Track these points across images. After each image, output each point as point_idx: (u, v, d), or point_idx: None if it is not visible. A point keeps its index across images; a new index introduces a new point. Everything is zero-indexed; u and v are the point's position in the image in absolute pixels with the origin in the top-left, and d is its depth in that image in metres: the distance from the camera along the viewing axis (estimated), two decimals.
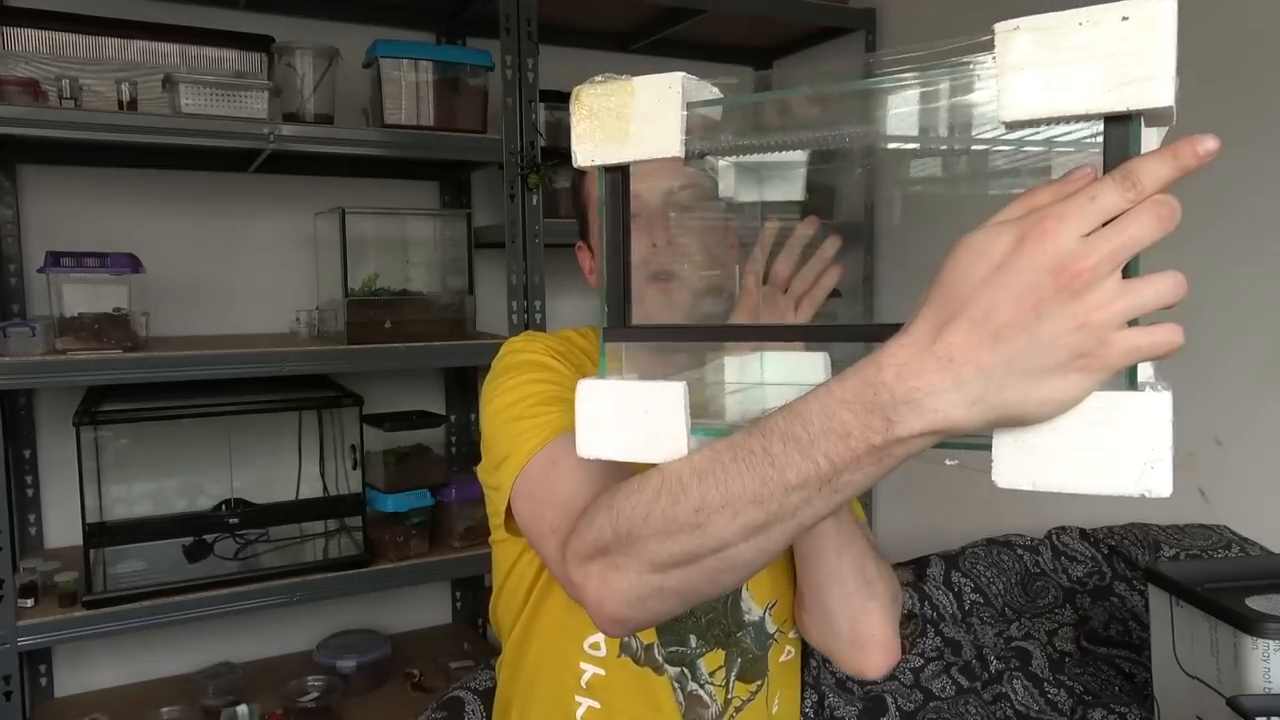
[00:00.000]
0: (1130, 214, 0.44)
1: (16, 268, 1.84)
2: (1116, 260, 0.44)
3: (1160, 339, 0.45)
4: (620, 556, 0.61)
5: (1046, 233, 0.44)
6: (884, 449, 0.49)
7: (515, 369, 0.91)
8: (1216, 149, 0.44)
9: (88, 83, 1.62)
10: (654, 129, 0.59)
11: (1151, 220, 0.44)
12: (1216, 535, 1.50)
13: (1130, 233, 0.44)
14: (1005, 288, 0.45)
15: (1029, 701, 1.43)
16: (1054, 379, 0.45)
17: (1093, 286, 0.44)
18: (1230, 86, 1.54)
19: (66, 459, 1.66)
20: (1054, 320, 0.44)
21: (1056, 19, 0.45)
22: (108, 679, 1.95)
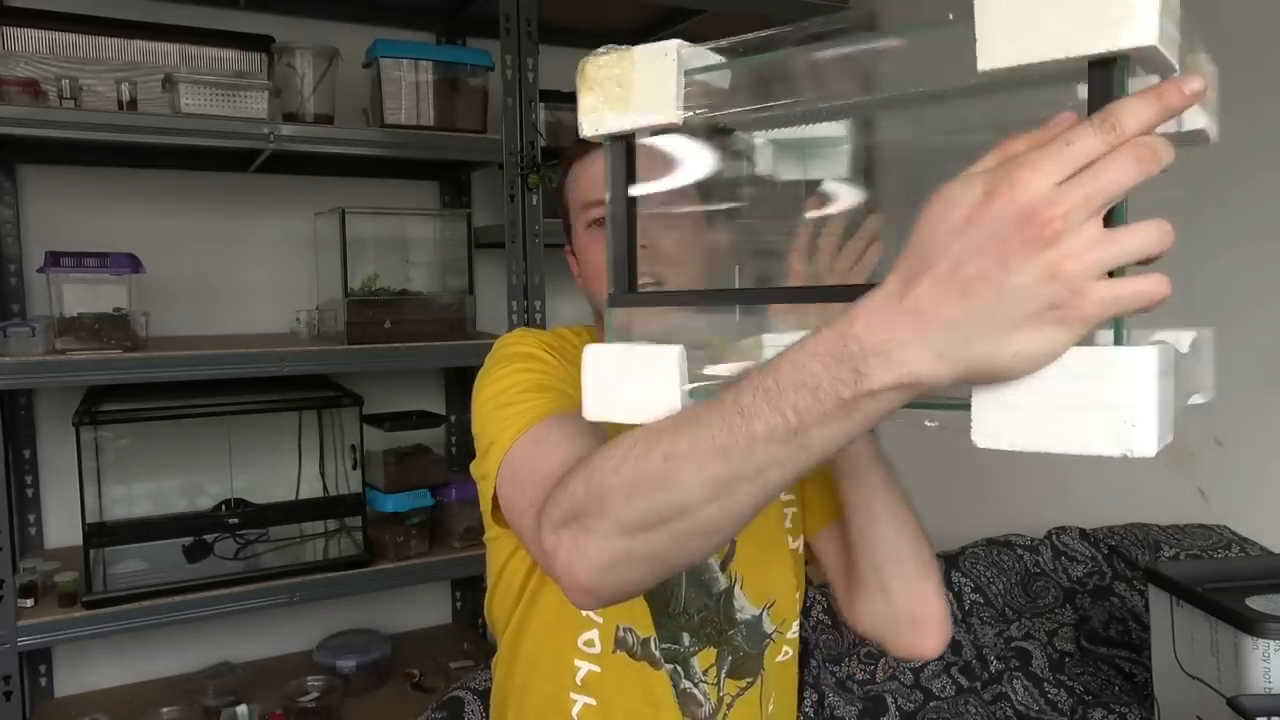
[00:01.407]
0: (1108, 157, 0.42)
1: (16, 268, 1.84)
2: (1092, 206, 0.42)
3: (1143, 289, 0.43)
4: (591, 518, 0.60)
5: (1017, 181, 0.43)
6: (853, 402, 0.48)
7: (505, 360, 0.91)
8: (1202, 89, 0.42)
9: (88, 83, 1.62)
10: (652, 96, 0.59)
11: (1130, 163, 0.42)
12: (1216, 535, 1.50)
13: (1107, 176, 0.42)
14: (973, 239, 0.44)
15: (1029, 701, 1.43)
16: (1025, 332, 0.43)
17: (1066, 235, 0.42)
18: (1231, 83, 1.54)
19: (66, 459, 1.66)
20: (1023, 271, 0.42)
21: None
22: (107, 679, 1.95)
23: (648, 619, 0.94)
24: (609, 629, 0.93)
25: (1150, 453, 0.42)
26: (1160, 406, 0.42)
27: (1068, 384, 0.44)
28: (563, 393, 0.85)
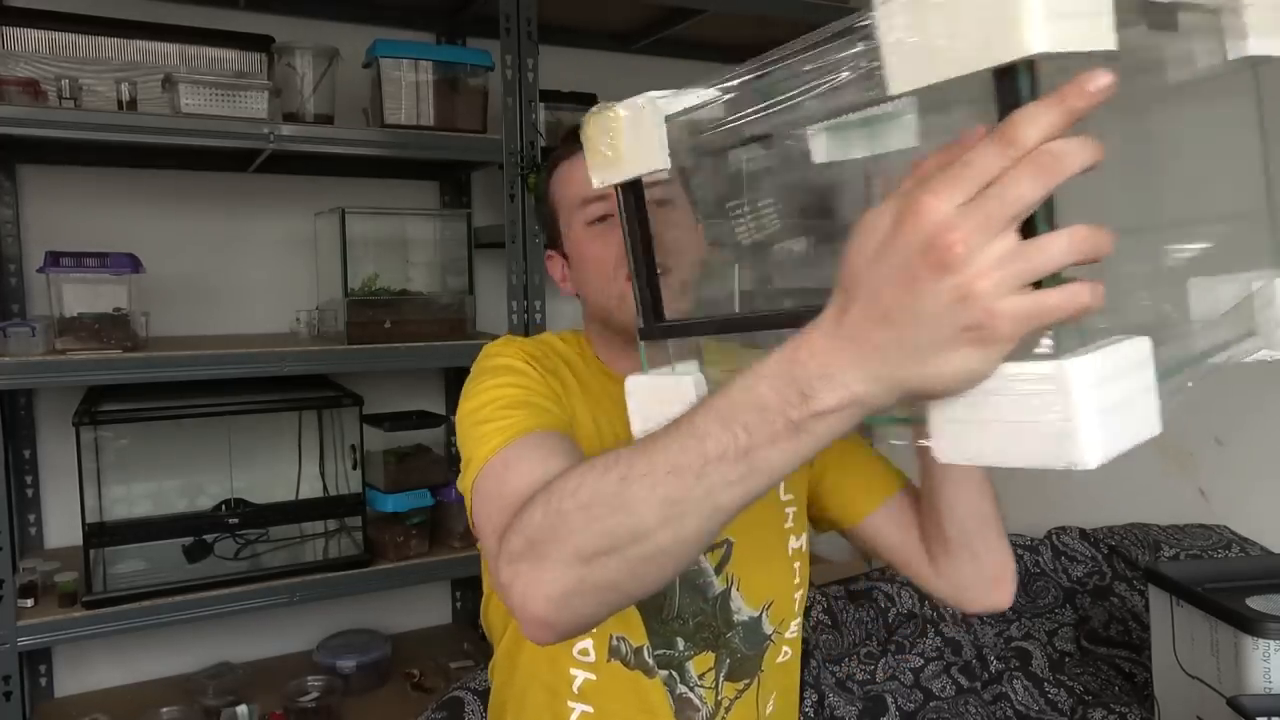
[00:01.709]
0: (1009, 173, 0.41)
1: (16, 268, 1.84)
2: (993, 226, 0.41)
3: (1056, 302, 0.42)
4: (548, 545, 0.61)
5: (920, 208, 0.42)
6: (800, 423, 0.49)
7: (486, 374, 0.91)
8: (1109, 84, 0.41)
9: (87, 83, 1.62)
10: (640, 151, 0.65)
11: (1030, 177, 0.41)
12: (1216, 535, 1.50)
13: (1006, 195, 0.41)
14: (886, 268, 0.44)
15: (1029, 701, 1.43)
16: (946, 355, 0.44)
17: (970, 257, 0.41)
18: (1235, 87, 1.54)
19: (66, 459, 1.66)
20: (932, 297, 0.43)
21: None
22: (108, 679, 1.95)
23: (640, 627, 0.93)
24: (603, 638, 0.93)
25: (1091, 464, 0.42)
26: (1101, 415, 0.42)
27: (1009, 399, 0.44)
28: (539, 407, 0.85)
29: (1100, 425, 0.42)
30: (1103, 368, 0.42)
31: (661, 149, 0.62)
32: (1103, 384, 0.42)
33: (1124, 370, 0.43)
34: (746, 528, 0.96)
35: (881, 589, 1.68)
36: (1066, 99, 0.41)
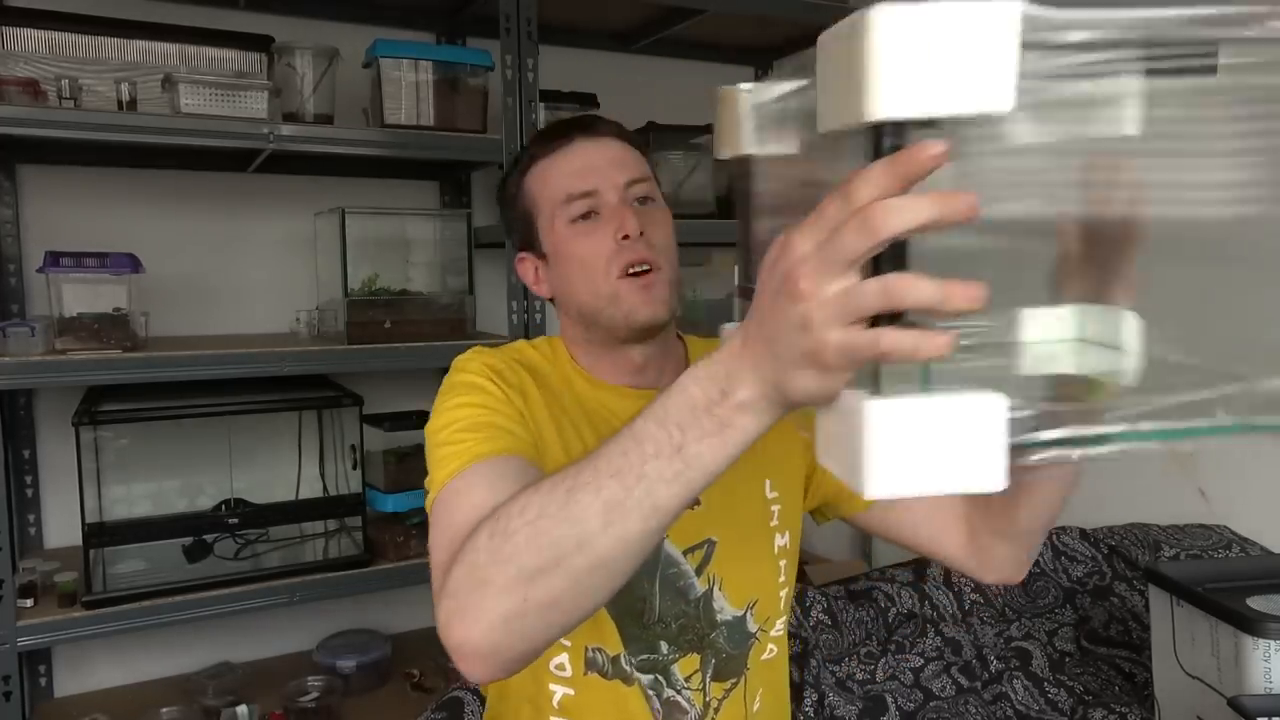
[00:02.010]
0: (845, 224, 0.46)
1: (16, 268, 1.84)
2: (831, 269, 0.46)
3: (869, 340, 0.46)
4: (490, 568, 0.61)
5: (788, 244, 0.49)
6: (724, 420, 0.54)
7: (449, 392, 0.90)
8: (942, 153, 0.44)
9: (87, 83, 1.62)
10: (731, 135, 0.65)
11: (855, 229, 0.45)
12: (1216, 535, 1.50)
13: (840, 242, 0.46)
14: (768, 289, 0.51)
15: (1029, 701, 1.43)
16: (799, 373, 0.50)
17: (811, 292, 0.47)
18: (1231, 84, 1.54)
19: (66, 459, 1.66)
20: (786, 321, 0.49)
21: (842, 28, 0.46)
22: (107, 679, 1.95)
23: (615, 635, 0.93)
24: (578, 651, 0.93)
25: (871, 494, 0.46)
26: (895, 455, 0.45)
27: (839, 419, 0.49)
28: (498, 428, 0.85)
29: (889, 464, 0.45)
30: (912, 412, 0.45)
31: (753, 136, 0.63)
32: (911, 427, 0.45)
33: (953, 421, 0.46)
34: (729, 526, 0.96)
35: (881, 589, 1.68)
36: (897, 163, 0.45)
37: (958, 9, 0.42)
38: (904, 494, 0.46)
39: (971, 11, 0.42)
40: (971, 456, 0.46)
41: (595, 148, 0.97)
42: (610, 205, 0.95)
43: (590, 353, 1.01)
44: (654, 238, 0.95)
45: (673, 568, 0.94)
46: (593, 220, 0.95)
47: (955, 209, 0.44)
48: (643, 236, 0.94)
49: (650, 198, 0.98)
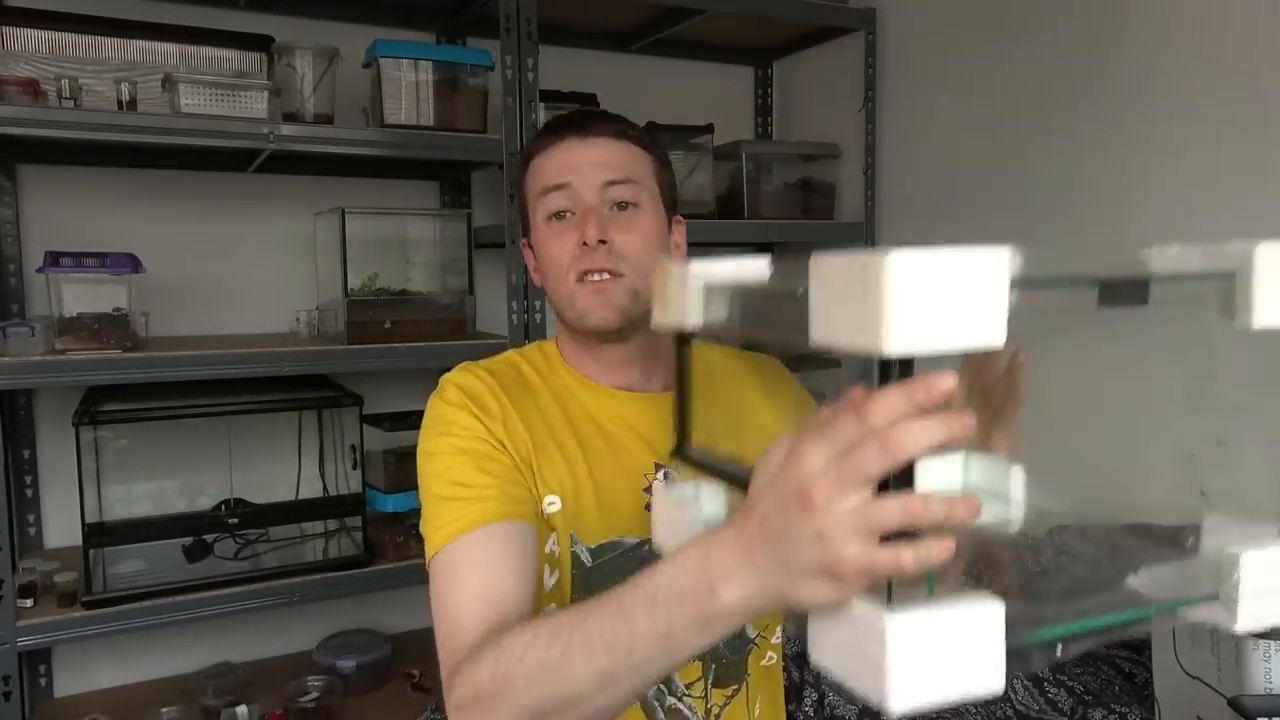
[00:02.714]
0: (860, 444, 0.48)
1: (16, 268, 1.84)
2: (846, 485, 0.48)
3: (908, 561, 0.48)
4: (493, 700, 0.67)
5: (800, 455, 0.50)
6: (709, 617, 0.56)
7: (434, 427, 0.94)
8: (950, 389, 0.47)
9: (87, 83, 1.62)
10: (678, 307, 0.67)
11: (874, 450, 0.47)
12: None
13: (854, 463, 0.48)
14: (773, 497, 0.52)
15: (1029, 701, 1.43)
16: (807, 581, 0.51)
17: (829, 505, 0.48)
18: (1231, 86, 1.54)
19: (66, 459, 1.66)
20: (799, 532, 0.50)
21: (849, 263, 0.48)
22: (107, 679, 1.95)
23: None
24: None
25: (895, 711, 0.47)
26: (917, 669, 0.46)
27: (852, 629, 0.50)
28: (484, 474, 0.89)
29: (911, 677, 0.47)
30: (928, 626, 0.47)
31: (695, 310, 0.65)
32: (928, 640, 0.47)
33: (961, 630, 0.47)
34: None
35: None
36: (914, 392, 0.47)
37: (960, 257, 0.46)
38: (922, 705, 0.47)
39: (972, 259, 0.46)
40: (978, 663, 0.48)
41: (582, 146, 0.97)
42: (583, 206, 0.95)
43: (577, 350, 1.02)
44: (621, 244, 0.94)
45: None
46: (566, 220, 0.96)
47: (961, 429, 0.48)
48: (605, 245, 0.94)
49: (631, 202, 0.96)
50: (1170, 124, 1.63)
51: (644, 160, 1.00)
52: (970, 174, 2.04)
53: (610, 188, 0.96)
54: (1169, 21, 1.62)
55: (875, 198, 2.30)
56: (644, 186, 0.98)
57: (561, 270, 0.96)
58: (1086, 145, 1.78)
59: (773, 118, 2.65)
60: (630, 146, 0.99)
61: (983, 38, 2.00)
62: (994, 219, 1.98)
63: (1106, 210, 1.75)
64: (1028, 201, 1.90)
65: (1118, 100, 1.72)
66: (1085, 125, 1.78)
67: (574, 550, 0.93)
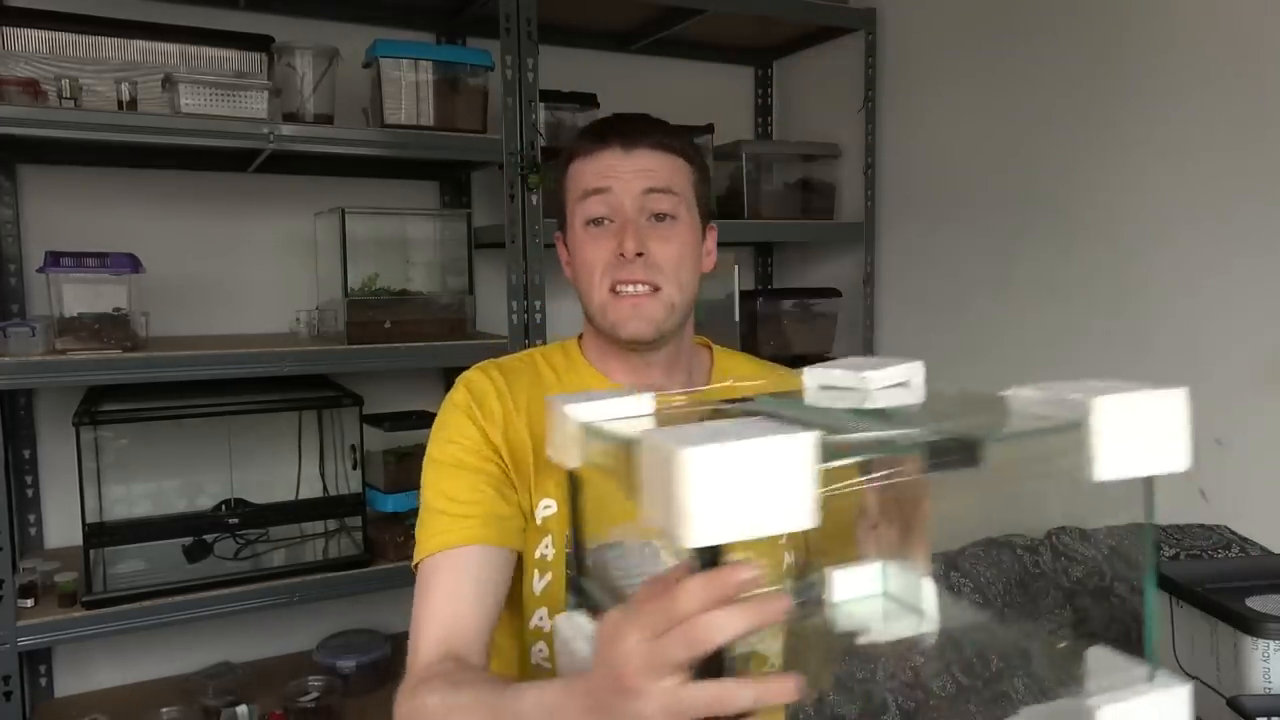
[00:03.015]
0: (667, 634, 0.50)
1: (16, 268, 1.84)
2: (657, 671, 0.51)
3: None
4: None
5: (617, 636, 0.53)
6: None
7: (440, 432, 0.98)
8: (754, 578, 0.49)
9: (87, 83, 1.62)
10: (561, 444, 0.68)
11: (681, 643, 0.50)
12: (1216, 535, 1.50)
13: (663, 649, 0.50)
14: (600, 670, 0.55)
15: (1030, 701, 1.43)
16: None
17: (642, 689, 0.51)
18: (1232, 86, 1.54)
19: (66, 459, 1.66)
20: (620, 711, 0.53)
21: (659, 448, 0.48)
22: (108, 679, 1.95)
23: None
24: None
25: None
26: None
27: None
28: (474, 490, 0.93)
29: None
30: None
31: (574, 452, 0.65)
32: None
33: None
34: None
35: None
36: (713, 585, 0.50)
37: (760, 445, 0.45)
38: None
39: (772, 446, 0.46)
40: None
41: (626, 156, 0.97)
42: (622, 215, 0.96)
43: (601, 350, 1.03)
44: (658, 256, 0.95)
45: None
46: (603, 227, 0.97)
47: (768, 615, 0.50)
48: (642, 256, 0.94)
49: (669, 214, 0.97)
50: (1170, 124, 1.63)
51: (684, 171, 1.00)
52: (970, 174, 2.04)
53: (649, 196, 0.96)
54: (1169, 22, 1.62)
55: (875, 198, 2.30)
56: (682, 199, 0.98)
57: (595, 276, 0.97)
58: (1086, 145, 1.78)
59: (773, 118, 2.65)
60: (672, 158, 0.99)
61: (983, 38, 2.00)
62: (993, 219, 1.98)
63: (1106, 210, 1.75)
64: (1027, 201, 1.90)
65: (1117, 100, 1.72)
66: (1085, 125, 1.78)
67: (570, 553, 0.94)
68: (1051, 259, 1.86)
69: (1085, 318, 1.80)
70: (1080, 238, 1.80)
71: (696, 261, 1.00)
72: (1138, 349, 1.70)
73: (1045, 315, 1.88)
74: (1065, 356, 1.84)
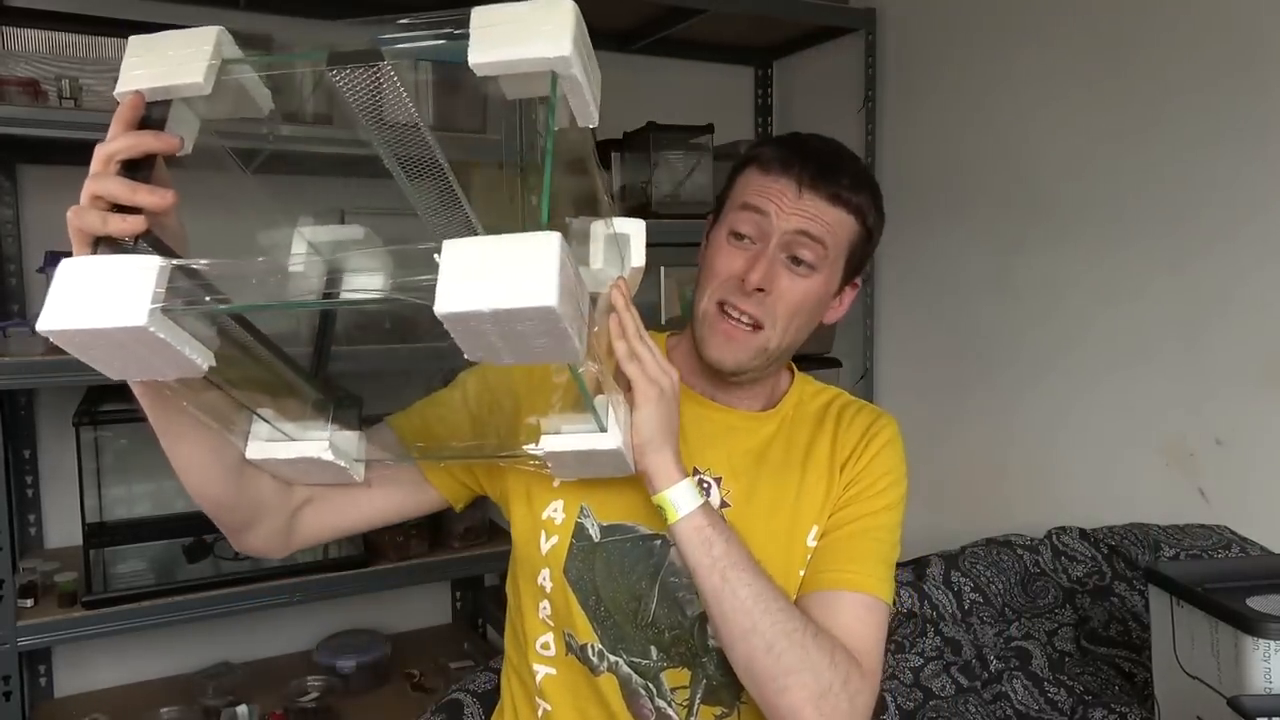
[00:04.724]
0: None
1: (16, 268, 1.84)
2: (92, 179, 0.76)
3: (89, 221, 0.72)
4: None
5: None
6: None
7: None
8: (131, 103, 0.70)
9: (88, 83, 1.62)
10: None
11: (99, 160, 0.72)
12: (1216, 535, 1.50)
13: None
14: None
15: (1029, 701, 1.43)
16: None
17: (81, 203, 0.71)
18: (1233, 85, 1.54)
19: (66, 459, 1.66)
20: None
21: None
22: (107, 679, 1.95)
23: (585, 624, 0.94)
24: (559, 633, 0.95)
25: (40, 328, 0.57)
26: (56, 298, 0.61)
27: None
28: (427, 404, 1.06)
29: (56, 304, 0.59)
30: (81, 267, 0.62)
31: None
32: (78, 279, 0.61)
33: (107, 274, 0.61)
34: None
35: None
36: (116, 116, 0.72)
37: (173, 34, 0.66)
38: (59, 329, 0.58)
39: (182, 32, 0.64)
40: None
41: (797, 194, 0.93)
42: (765, 241, 0.92)
43: (687, 356, 1.01)
44: (777, 298, 0.92)
45: (674, 576, 0.93)
46: (744, 245, 0.94)
47: (149, 142, 0.73)
48: (761, 293, 0.92)
49: (809, 262, 0.93)
50: (1170, 123, 1.63)
51: (847, 228, 0.95)
52: (970, 174, 2.04)
53: (798, 238, 0.92)
54: (1169, 22, 1.62)
55: None
56: (830, 254, 0.94)
57: (713, 285, 0.94)
58: (1086, 144, 1.78)
59: (773, 118, 2.65)
60: (841, 213, 0.94)
61: (982, 37, 2.00)
62: (993, 219, 1.98)
63: (1106, 210, 1.75)
64: (1027, 201, 1.90)
65: (1117, 99, 1.72)
66: (1085, 124, 1.78)
67: (582, 521, 0.94)
68: (1051, 259, 1.86)
69: (1085, 317, 1.80)
70: (1080, 237, 1.80)
71: (815, 314, 0.97)
72: (1138, 349, 1.70)
73: (1045, 314, 1.88)
74: (1065, 356, 1.84)
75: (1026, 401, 1.92)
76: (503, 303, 0.52)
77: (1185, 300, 1.61)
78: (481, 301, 0.52)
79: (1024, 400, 1.93)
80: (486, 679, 1.39)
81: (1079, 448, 1.82)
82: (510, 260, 0.54)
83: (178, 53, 0.70)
